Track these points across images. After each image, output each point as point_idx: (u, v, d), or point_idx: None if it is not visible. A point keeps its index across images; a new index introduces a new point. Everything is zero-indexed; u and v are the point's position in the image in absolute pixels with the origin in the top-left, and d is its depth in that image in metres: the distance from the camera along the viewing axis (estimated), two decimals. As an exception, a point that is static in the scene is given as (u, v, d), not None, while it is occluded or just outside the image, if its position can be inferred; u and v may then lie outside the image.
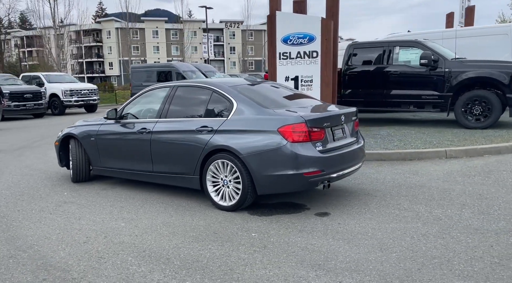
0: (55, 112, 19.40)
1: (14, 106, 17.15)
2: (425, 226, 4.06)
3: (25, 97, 17.47)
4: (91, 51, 69.76)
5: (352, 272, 3.14)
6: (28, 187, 6.01)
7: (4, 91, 16.82)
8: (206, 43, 33.85)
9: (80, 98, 19.55)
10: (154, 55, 65.70)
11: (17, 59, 58.24)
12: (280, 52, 8.78)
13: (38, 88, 18.38)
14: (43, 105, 18.08)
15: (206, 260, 3.37)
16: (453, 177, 5.86)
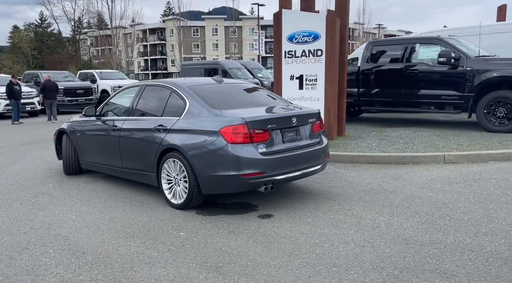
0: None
1: (67, 101, 18.53)
2: (355, 233, 3.92)
3: (77, 92, 18.82)
4: (156, 49, 73.06)
5: (242, 276, 3.14)
6: (25, 177, 6.56)
7: (60, 87, 18.25)
8: (258, 40, 34.09)
9: (128, 94, 20.66)
10: (213, 53, 67.30)
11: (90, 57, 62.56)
12: (285, 50, 8.74)
13: (89, 84, 19.73)
14: (93, 100, 19.32)
15: (116, 256, 3.53)
16: (432, 184, 5.54)
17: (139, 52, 75.39)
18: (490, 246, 3.57)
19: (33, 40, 69.71)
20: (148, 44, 73.56)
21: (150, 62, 74.11)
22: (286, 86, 8.85)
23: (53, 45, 67.22)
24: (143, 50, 75.06)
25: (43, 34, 71.86)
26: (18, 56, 65.19)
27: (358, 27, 59.88)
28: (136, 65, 76.00)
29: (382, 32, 69.99)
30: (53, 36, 72.23)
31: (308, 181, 5.90)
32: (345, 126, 9.32)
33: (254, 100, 5.24)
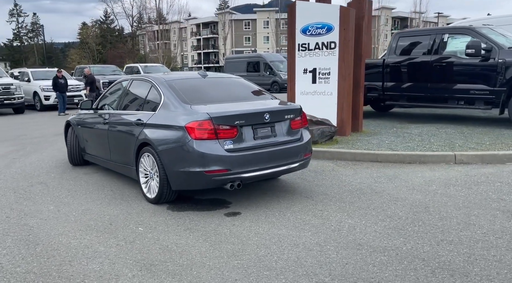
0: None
1: (108, 94, 19.39)
2: (312, 236, 3.74)
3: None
4: (208, 43, 74.39)
5: (169, 276, 3.09)
6: (36, 166, 6.91)
7: (103, 80, 19.13)
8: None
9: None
10: (264, 45, 67.29)
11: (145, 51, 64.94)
12: (299, 43, 8.51)
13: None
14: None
15: (64, 249, 3.58)
16: (427, 186, 5.18)
17: (193, 46, 77.13)
18: (447, 255, 3.26)
19: (98, 35, 73.48)
20: (201, 38, 74.99)
21: (203, 56, 75.59)
22: (299, 80, 8.62)
23: (113, 41, 70.51)
24: (197, 44, 76.67)
25: (106, 30, 75.59)
26: (85, 51, 69.01)
27: (416, 16, 57.19)
28: (190, 59, 77.86)
29: (444, 21, 66.40)
30: (115, 31, 75.83)
31: (297, 178, 5.72)
32: (362, 122, 8.94)
33: (234, 95, 5.13)
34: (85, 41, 70.86)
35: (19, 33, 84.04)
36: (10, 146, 9.15)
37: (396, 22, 70.71)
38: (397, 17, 69.52)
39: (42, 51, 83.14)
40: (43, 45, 69.77)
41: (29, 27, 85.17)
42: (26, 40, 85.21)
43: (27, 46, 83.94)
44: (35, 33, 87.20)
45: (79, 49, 72.31)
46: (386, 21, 66.52)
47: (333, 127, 7.72)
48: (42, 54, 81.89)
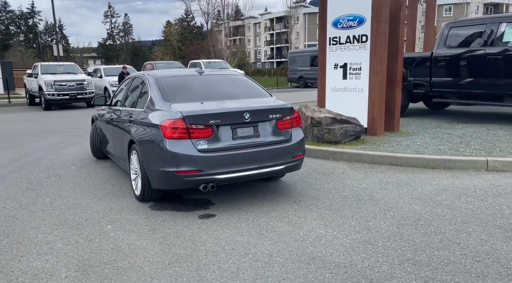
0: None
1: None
2: (270, 245, 3.48)
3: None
4: (281, 37, 74.18)
5: (102, 279, 3.02)
6: (66, 158, 7.32)
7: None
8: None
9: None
10: (339, 39, 65.52)
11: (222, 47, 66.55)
12: (330, 37, 8.10)
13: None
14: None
15: (26, 244, 3.65)
16: (435, 196, 4.63)
17: (266, 41, 77.39)
18: (400, 278, 2.84)
19: (179, 33, 76.90)
20: (274, 33, 74.95)
21: (276, 51, 75.60)
22: (329, 75, 8.20)
23: (191, 37, 73.27)
24: (270, 39, 76.81)
25: (186, 27, 78.84)
26: (167, 48, 72.59)
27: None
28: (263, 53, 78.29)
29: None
30: (194, 29, 78.79)
31: (298, 180, 5.43)
32: (398, 121, 8.27)
33: (225, 93, 4.94)
34: (167, 39, 74.47)
35: (112, 32, 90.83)
36: (59, 137, 9.84)
37: (488, 9, 64.75)
38: (490, 3, 63.57)
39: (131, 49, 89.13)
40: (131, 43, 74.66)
41: (120, 27, 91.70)
42: (117, 39, 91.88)
43: (118, 45, 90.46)
44: (126, 33, 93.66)
45: (162, 47, 76.17)
46: (477, 8, 61.30)
47: (358, 127, 7.22)
48: (131, 52, 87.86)
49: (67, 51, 73.82)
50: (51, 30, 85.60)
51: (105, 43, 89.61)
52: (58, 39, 32.75)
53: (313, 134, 7.22)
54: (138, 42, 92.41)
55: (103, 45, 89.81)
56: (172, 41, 72.38)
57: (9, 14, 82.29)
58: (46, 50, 70.33)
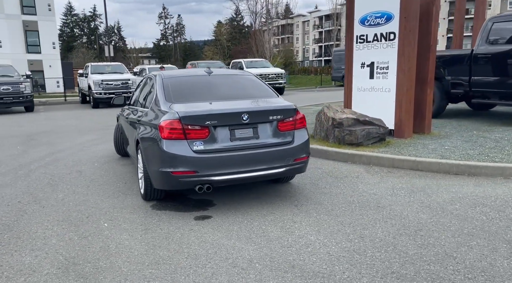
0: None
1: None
2: (253, 251, 3.38)
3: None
4: (330, 35, 72.90)
5: (78, 277, 3.07)
6: (94, 155, 7.58)
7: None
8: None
9: (268, 82, 21.44)
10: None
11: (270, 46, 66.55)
12: (357, 35, 7.83)
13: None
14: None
15: (24, 238, 3.80)
16: (447, 205, 4.34)
17: (314, 39, 76.36)
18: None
19: (229, 32, 77.94)
20: (323, 31, 73.77)
21: (324, 49, 74.44)
22: (356, 75, 7.93)
23: (239, 37, 73.93)
24: (318, 37, 75.70)
25: (236, 27, 79.70)
26: (217, 47, 73.80)
27: None
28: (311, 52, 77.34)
29: None
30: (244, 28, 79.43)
31: (308, 184, 5.28)
32: (429, 123, 7.83)
33: (230, 94, 4.87)
34: (218, 39, 75.68)
35: (165, 33, 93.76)
36: (96, 134, 10.24)
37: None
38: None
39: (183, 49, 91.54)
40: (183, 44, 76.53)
41: (173, 28, 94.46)
42: (170, 39, 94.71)
43: (171, 45, 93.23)
44: (178, 33, 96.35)
45: (212, 46, 77.50)
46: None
47: (382, 128, 6.91)
48: (183, 52, 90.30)
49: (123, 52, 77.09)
50: (110, 32, 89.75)
51: (159, 44, 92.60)
52: (109, 41, 34.23)
53: (334, 136, 7.00)
54: (190, 42, 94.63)
55: (157, 46, 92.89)
56: (221, 41, 73.41)
57: (74, 18, 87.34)
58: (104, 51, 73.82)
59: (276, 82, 21.84)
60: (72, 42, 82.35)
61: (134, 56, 74.89)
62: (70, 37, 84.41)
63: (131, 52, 75.22)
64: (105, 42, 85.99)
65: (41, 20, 36.84)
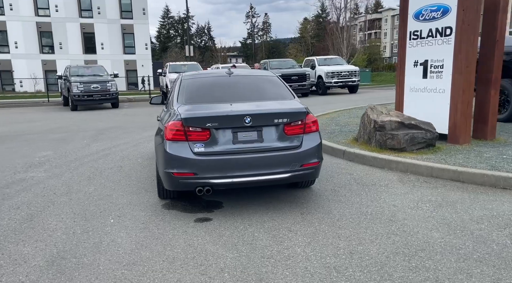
0: (319, 92, 21.51)
1: (282, 87, 20.32)
2: (231, 259, 3.27)
3: (292, 79, 20.28)
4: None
5: (58, 273, 3.19)
6: (142, 152, 7.93)
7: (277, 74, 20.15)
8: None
9: (340, 80, 20.78)
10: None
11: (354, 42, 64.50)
12: (410, 31, 7.26)
13: (304, 71, 20.91)
14: (306, 86, 20.43)
15: (38, 228, 4.09)
16: (472, 224, 3.86)
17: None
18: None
19: (314, 29, 77.11)
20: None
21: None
22: (409, 74, 7.34)
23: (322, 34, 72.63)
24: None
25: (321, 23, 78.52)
26: (302, 45, 73.54)
27: None
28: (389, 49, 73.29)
29: None
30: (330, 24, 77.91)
31: (327, 190, 5.02)
32: (493, 128, 6.98)
33: (243, 95, 4.74)
34: (302, 36, 75.28)
35: (252, 32, 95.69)
36: (153, 132, 10.74)
37: None
38: None
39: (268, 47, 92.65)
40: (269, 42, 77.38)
41: (260, 26, 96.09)
42: (256, 38, 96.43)
43: (257, 44, 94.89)
44: (265, 31, 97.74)
45: (297, 44, 77.26)
46: None
47: (429, 133, 6.31)
48: (268, 50, 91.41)
49: (211, 51, 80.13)
50: (200, 32, 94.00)
51: (245, 42, 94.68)
52: (189, 41, 35.84)
53: (376, 140, 6.55)
54: (275, 40, 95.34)
55: (243, 44, 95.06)
56: (306, 38, 72.81)
57: (170, 20, 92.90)
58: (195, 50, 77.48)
59: (348, 80, 21.09)
60: (168, 43, 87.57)
61: (222, 55, 77.52)
62: (166, 38, 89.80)
63: (218, 51, 77.87)
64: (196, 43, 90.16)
65: (136, 24, 39.71)
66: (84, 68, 19.92)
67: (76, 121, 13.90)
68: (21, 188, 5.64)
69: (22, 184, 5.85)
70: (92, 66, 20.67)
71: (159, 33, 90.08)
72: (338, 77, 20.77)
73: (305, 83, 20.34)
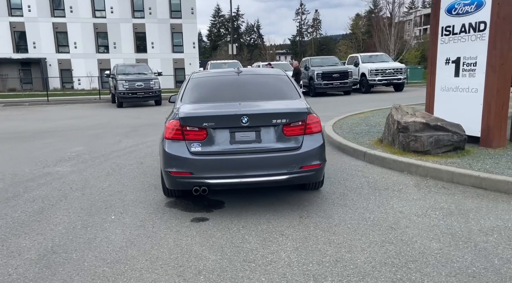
0: (362, 90, 20.90)
1: (323, 84, 19.94)
2: (212, 262, 3.22)
3: (333, 76, 19.88)
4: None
5: (45, 267, 3.26)
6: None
7: (317, 71, 19.85)
8: None
9: (384, 78, 20.04)
10: None
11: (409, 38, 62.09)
12: (442, 26, 6.85)
13: (345, 68, 20.39)
14: (348, 84, 19.92)
15: (43, 221, 4.23)
16: (480, 236, 3.56)
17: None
18: None
19: (366, 25, 75.05)
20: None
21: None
22: (440, 72, 6.93)
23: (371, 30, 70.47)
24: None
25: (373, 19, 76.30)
26: (352, 41, 71.86)
27: None
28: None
29: None
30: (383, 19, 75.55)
31: (338, 194, 4.82)
32: (531, 131, 6.41)
33: (247, 95, 4.62)
34: (353, 32, 73.50)
35: (301, 29, 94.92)
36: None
37: None
38: None
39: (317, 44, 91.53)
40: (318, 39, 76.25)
41: (309, 23, 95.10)
42: (306, 35, 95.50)
43: (306, 41, 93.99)
44: (314, 28, 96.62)
45: (347, 40, 75.54)
46: None
47: (456, 136, 5.91)
48: (317, 47, 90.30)
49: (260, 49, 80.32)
50: (250, 30, 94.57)
51: (294, 40, 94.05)
52: (233, 40, 36.06)
53: (399, 142, 6.23)
54: (325, 37, 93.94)
55: (292, 42, 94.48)
56: (357, 34, 70.96)
57: (221, 19, 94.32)
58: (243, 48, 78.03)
59: (394, 78, 20.30)
60: (218, 41, 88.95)
61: (271, 53, 77.39)
62: (216, 37, 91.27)
63: (267, 49, 77.87)
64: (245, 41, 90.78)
65: (185, 23, 40.60)
66: (130, 67, 20.61)
67: (117, 118, 14.41)
68: (44, 181, 5.89)
69: (46, 177, 6.11)
70: (138, 65, 21.37)
71: (210, 32, 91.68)
72: (382, 75, 20.05)
73: (347, 81, 19.84)
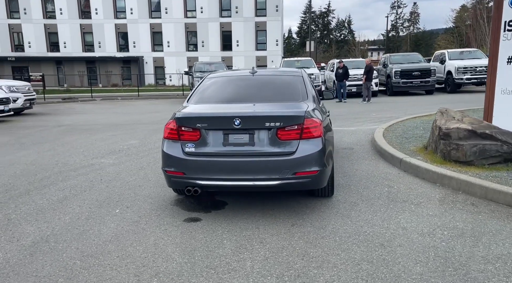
0: (447, 90, 19.25)
1: (402, 83, 18.77)
2: (176, 264, 3.20)
3: (413, 74, 18.59)
4: None
5: (35, 261, 3.47)
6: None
7: (395, 69, 18.73)
8: None
9: (474, 76, 18.18)
10: None
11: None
12: (506, 20, 6.06)
13: (427, 66, 18.91)
14: (430, 82, 18.48)
15: (50, 211, 4.56)
16: (483, 262, 3.10)
17: None
18: None
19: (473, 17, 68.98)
20: None
21: None
22: (501, 73, 6.15)
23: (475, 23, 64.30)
24: None
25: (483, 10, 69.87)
26: (454, 36, 66.48)
27: None
28: None
29: None
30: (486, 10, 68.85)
31: (346, 202, 4.50)
32: None
33: (253, 96, 4.49)
34: (457, 25, 67.83)
35: (396, 23, 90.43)
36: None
37: None
38: None
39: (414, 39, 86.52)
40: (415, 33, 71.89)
41: (406, 17, 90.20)
42: (401, 29, 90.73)
43: (401, 36, 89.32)
44: (412, 22, 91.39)
45: (448, 35, 70.09)
46: None
47: (506, 146, 5.17)
48: (413, 42, 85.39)
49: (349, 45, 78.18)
50: (340, 26, 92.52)
51: (388, 35, 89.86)
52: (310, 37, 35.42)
53: (440, 150, 5.62)
54: (423, 32, 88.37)
55: (387, 37, 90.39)
56: (461, 28, 65.33)
57: (312, 15, 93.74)
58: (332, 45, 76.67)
59: (483, 77, 18.29)
60: (307, 38, 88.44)
61: (362, 49, 74.89)
62: (306, 33, 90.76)
63: (356, 45, 75.49)
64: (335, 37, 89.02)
65: (269, 21, 40.97)
66: (207, 65, 21.39)
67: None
68: (84, 172, 6.31)
69: (88, 168, 6.55)
70: (214, 63, 22.09)
71: (300, 29, 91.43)
72: (471, 73, 18.18)
73: (429, 80, 18.41)
